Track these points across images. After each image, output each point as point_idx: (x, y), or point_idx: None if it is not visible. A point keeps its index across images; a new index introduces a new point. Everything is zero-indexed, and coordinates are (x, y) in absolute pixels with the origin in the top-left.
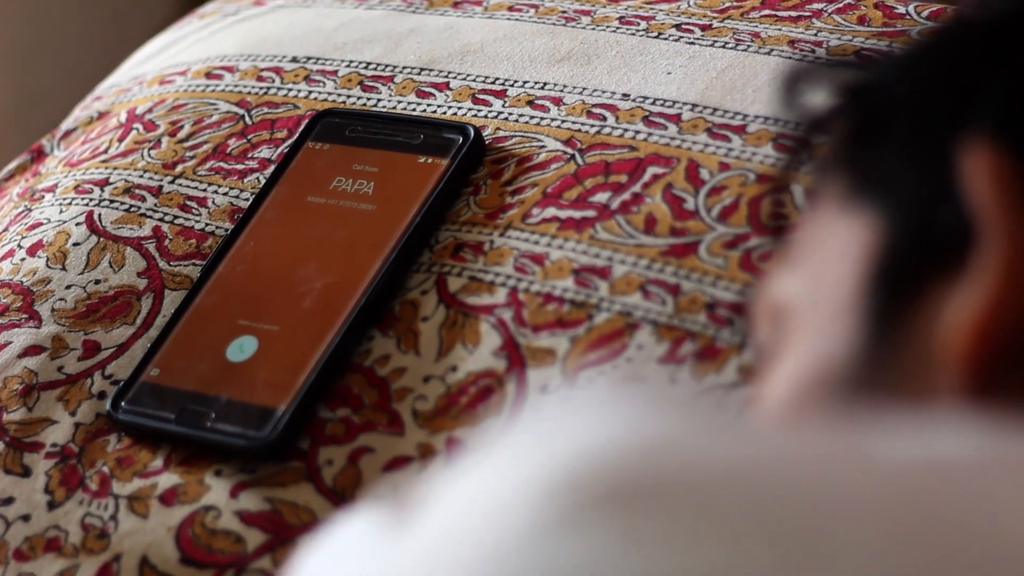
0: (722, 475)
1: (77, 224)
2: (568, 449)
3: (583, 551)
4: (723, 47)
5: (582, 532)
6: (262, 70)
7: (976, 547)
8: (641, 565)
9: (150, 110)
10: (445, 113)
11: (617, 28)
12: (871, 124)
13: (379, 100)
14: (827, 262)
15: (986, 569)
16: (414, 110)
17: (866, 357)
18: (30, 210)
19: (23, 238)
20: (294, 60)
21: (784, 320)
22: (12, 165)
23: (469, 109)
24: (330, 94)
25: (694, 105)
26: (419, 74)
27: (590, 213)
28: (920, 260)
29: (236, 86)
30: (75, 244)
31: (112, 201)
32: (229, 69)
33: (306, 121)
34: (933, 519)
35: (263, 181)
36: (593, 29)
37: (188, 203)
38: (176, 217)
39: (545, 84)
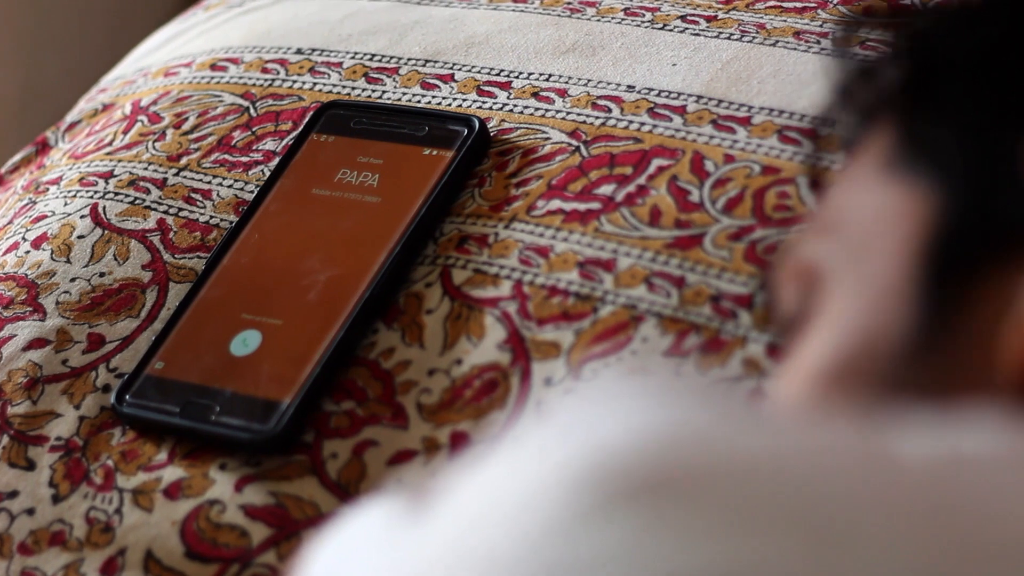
0: (747, 468)
1: (82, 217)
2: (595, 441)
3: (611, 543)
4: (728, 38)
5: (610, 524)
6: (267, 62)
7: (993, 541)
8: (668, 556)
9: (155, 102)
10: (450, 105)
11: (622, 19)
12: (927, 80)
13: (384, 92)
14: (872, 231)
15: (1003, 563)
16: (419, 102)
17: (915, 340)
18: (35, 202)
19: (28, 231)
20: (299, 52)
21: (818, 285)
22: (17, 157)
23: (474, 101)
24: (335, 86)
25: (699, 97)
26: (424, 66)
27: (595, 205)
28: (980, 248)
29: (241, 78)
30: (80, 237)
31: (117, 194)
32: (234, 61)
33: (311, 113)
34: (952, 514)
35: (268, 173)
36: (598, 20)
37: (193, 195)
38: (181, 210)
39: (550, 76)
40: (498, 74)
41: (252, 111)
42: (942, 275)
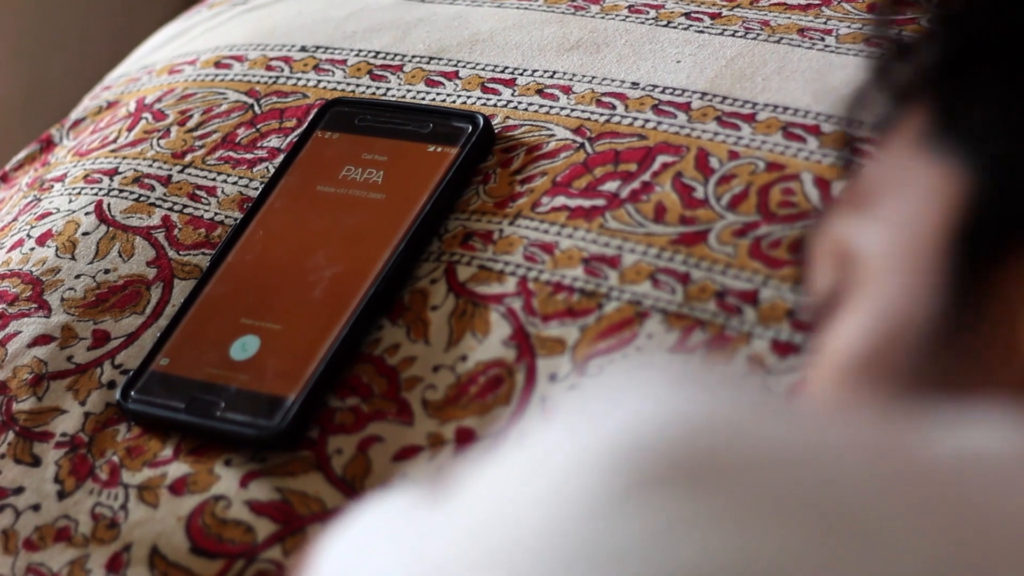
0: (777, 458)
1: (86, 213)
2: (628, 425)
3: (646, 526)
4: (732, 35)
5: (645, 507)
6: (271, 59)
7: (1010, 539)
8: (701, 541)
9: (159, 99)
10: (454, 102)
11: (626, 16)
12: (963, 60)
13: (388, 89)
14: (907, 210)
15: (1019, 560)
16: (423, 99)
17: (942, 327)
18: (39, 200)
19: (32, 228)
20: (303, 49)
21: (853, 267)
22: (21, 155)
23: (478, 98)
24: (339, 83)
25: (703, 94)
26: (428, 63)
27: (600, 202)
28: (1008, 231)
29: (245, 75)
30: (84, 233)
31: (121, 191)
32: (238, 58)
33: (315, 110)
34: (971, 511)
35: (272, 170)
36: (602, 18)
37: (197, 192)
38: (185, 206)
39: (554, 73)
40: (502, 71)
41: (256, 108)
42: (969, 259)
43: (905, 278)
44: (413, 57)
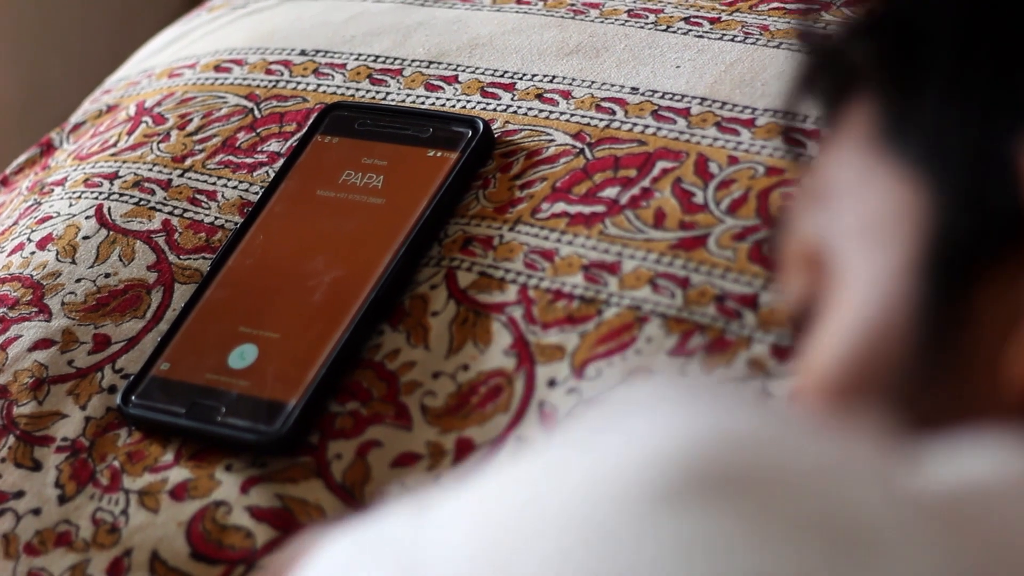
0: (800, 477)
1: (87, 217)
2: (655, 439)
3: (669, 540)
4: (732, 40)
5: (670, 521)
6: (271, 63)
7: (1015, 561)
8: (724, 558)
9: (159, 103)
10: (454, 106)
11: (626, 21)
12: (909, 53)
13: (388, 93)
14: (870, 219)
15: None
16: (423, 103)
17: (921, 357)
18: (39, 203)
19: (33, 231)
20: (303, 53)
21: (823, 271)
22: (21, 158)
23: (478, 102)
24: (339, 87)
25: (703, 99)
26: (428, 67)
27: (599, 208)
28: (979, 245)
29: (245, 79)
30: (85, 237)
31: (121, 194)
32: (238, 62)
33: (315, 114)
34: (979, 543)
35: (272, 175)
36: (602, 22)
37: (197, 196)
38: (186, 210)
39: (554, 77)
40: (502, 76)
41: (256, 112)
42: (943, 286)
43: (877, 302)
44: (413, 61)
